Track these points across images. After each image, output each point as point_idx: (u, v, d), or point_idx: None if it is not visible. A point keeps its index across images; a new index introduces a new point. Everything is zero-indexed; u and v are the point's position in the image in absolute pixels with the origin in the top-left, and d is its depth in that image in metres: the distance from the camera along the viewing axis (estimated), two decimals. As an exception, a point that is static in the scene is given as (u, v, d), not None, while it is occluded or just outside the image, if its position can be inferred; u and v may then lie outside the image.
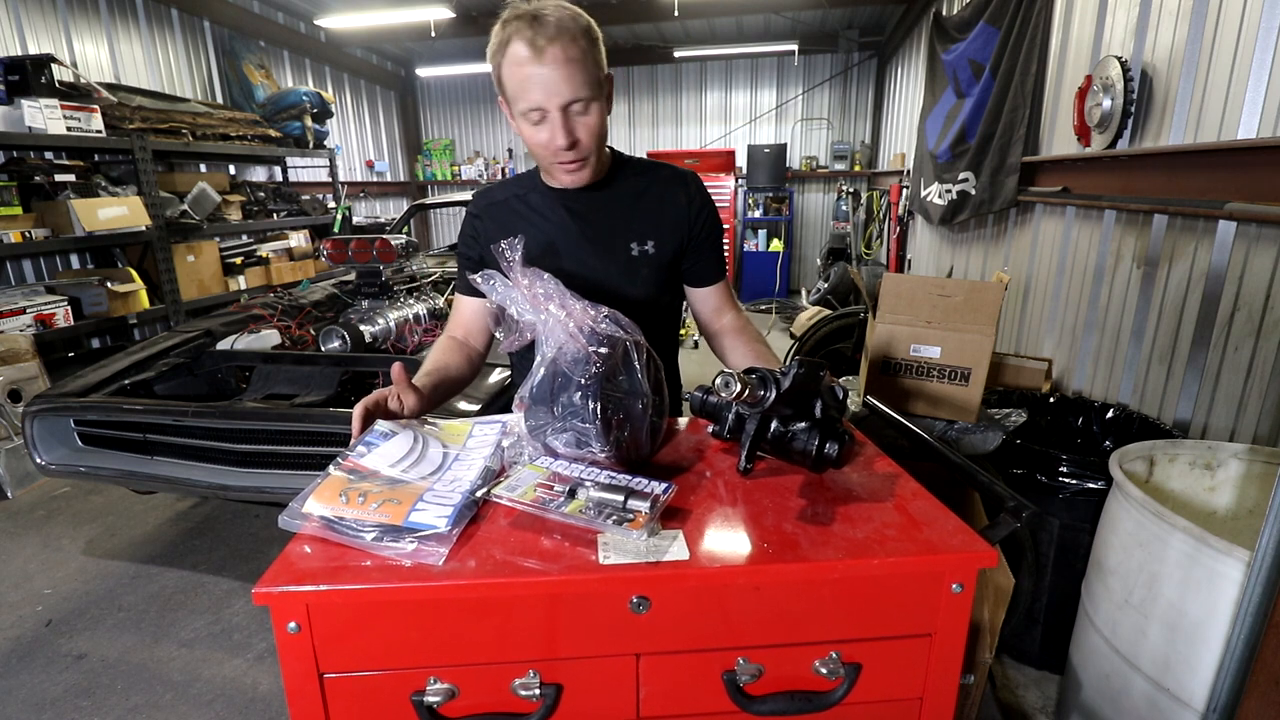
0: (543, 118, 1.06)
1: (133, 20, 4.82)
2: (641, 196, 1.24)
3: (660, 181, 1.26)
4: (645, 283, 1.25)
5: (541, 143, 1.09)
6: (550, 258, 1.23)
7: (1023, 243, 3.24)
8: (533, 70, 1.01)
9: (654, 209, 1.24)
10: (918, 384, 1.76)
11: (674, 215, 1.25)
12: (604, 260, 1.23)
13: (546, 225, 1.24)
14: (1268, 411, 1.69)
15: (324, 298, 3.01)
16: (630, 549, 0.72)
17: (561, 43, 1.01)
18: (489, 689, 0.73)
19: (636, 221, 1.23)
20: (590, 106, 1.07)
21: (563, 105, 1.04)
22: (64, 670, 1.94)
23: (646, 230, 1.23)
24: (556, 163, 1.13)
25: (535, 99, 1.03)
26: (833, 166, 8.02)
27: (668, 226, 1.24)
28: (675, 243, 1.25)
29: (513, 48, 1.02)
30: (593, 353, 0.84)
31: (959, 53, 3.84)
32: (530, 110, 1.05)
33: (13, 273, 3.92)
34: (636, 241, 1.23)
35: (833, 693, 0.74)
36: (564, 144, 1.07)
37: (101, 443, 2.20)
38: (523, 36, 1.01)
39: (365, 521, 0.73)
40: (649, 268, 1.24)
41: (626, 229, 1.23)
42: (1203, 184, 1.90)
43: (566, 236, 1.22)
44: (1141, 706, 1.34)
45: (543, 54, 1.00)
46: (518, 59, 1.02)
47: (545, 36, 1.00)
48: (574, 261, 1.22)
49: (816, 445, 0.87)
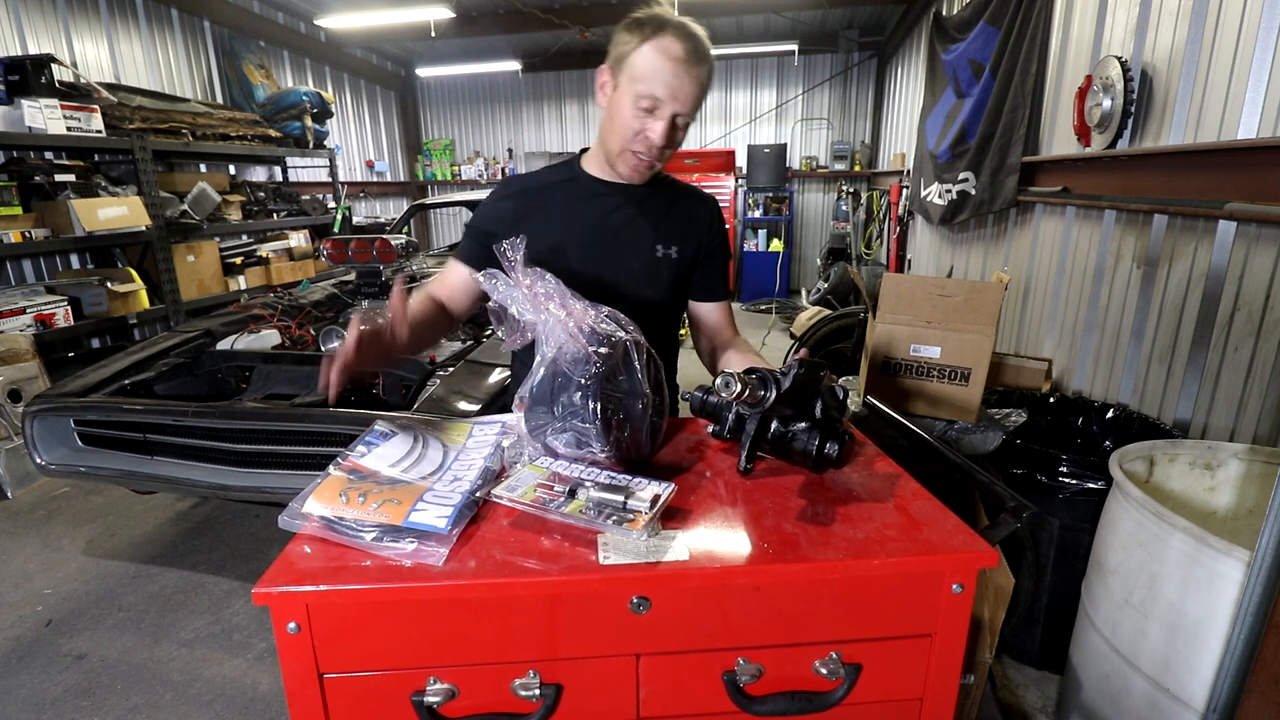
0: (653, 109, 1.13)
1: (133, 20, 4.82)
2: (672, 206, 1.33)
3: (689, 197, 1.37)
4: (663, 284, 1.32)
5: (636, 129, 1.16)
6: (577, 246, 1.27)
7: (1023, 243, 3.24)
8: (678, 70, 1.11)
9: (681, 219, 1.33)
10: (918, 384, 1.76)
11: (696, 228, 1.34)
12: (631, 255, 1.29)
13: (579, 213, 1.29)
14: (1268, 411, 1.69)
15: (324, 298, 3.01)
16: (630, 549, 0.72)
17: (706, 69, 1.14)
18: (489, 689, 0.73)
19: (665, 227, 1.31)
20: (687, 127, 1.20)
21: (675, 113, 1.14)
22: (64, 670, 1.94)
23: (672, 236, 1.31)
24: (631, 151, 1.18)
25: (661, 93, 1.12)
26: (833, 166, 8.01)
27: (690, 237, 1.33)
28: (693, 253, 1.34)
29: (668, 40, 1.10)
30: (593, 353, 0.84)
31: (959, 53, 3.84)
32: (647, 97, 1.12)
33: (13, 273, 3.91)
34: (662, 244, 1.30)
35: (833, 693, 0.74)
36: (659, 143, 1.16)
37: (101, 443, 2.20)
38: (683, 40, 1.11)
39: (365, 521, 0.73)
40: (669, 271, 1.32)
41: (655, 232, 1.30)
42: (1203, 184, 1.90)
43: (601, 227, 1.28)
44: (1141, 706, 1.34)
45: (691, 66, 1.11)
46: (669, 52, 1.10)
47: (699, 56, 1.12)
48: (600, 251, 1.28)
49: (817, 445, 0.87)
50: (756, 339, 5.69)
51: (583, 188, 1.29)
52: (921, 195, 4.62)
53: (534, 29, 6.55)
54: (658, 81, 1.11)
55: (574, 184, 1.30)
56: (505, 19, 6.52)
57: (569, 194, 1.29)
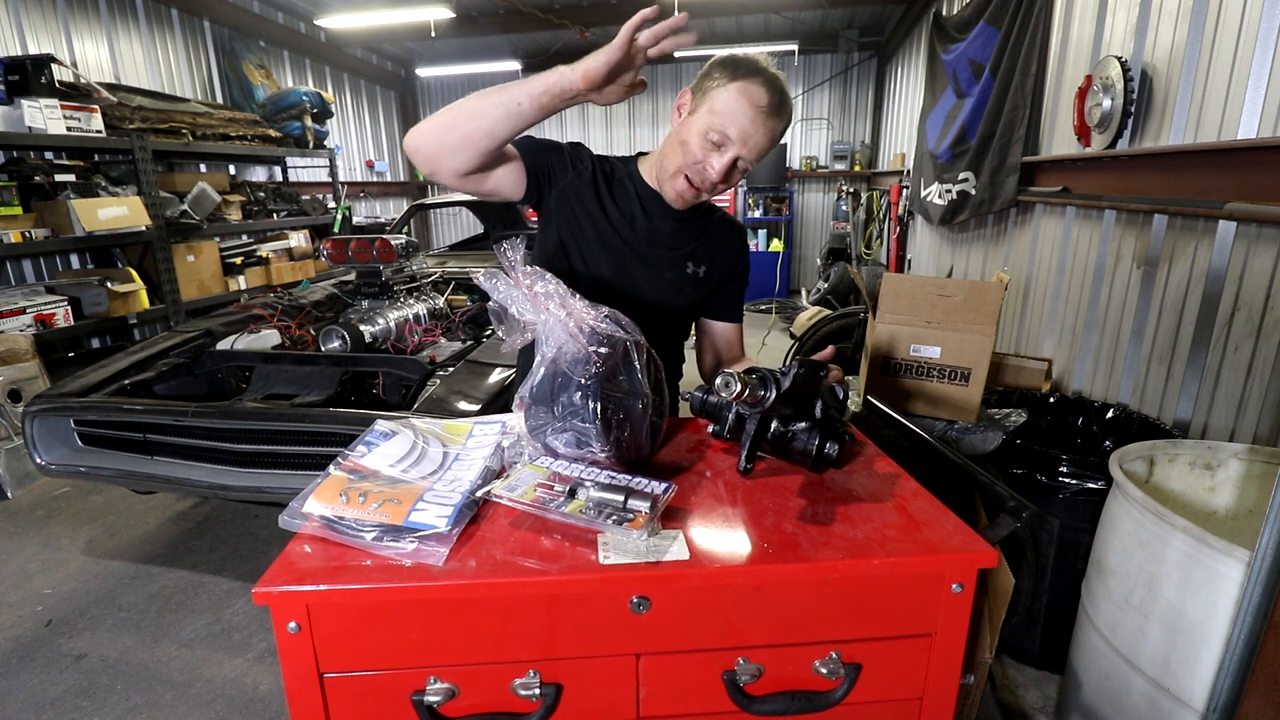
0: (721, 146, 1.16)
1: (133, 20, 4.82)
2: (706, 229, 1.38)
3: (722, 222, 1.42)
4: (689, 299, 1.38)
5: (698, 159, 1.18)
6: (627, 241, 1.31)
7: (1023, 243, 3.24)
8: (756, 116, 1.14)
9: (713, 243, 1.39)
10: (918, 384, 1.76)
11: (725, 252, 1.40)
12: (667, 266, 1.34)
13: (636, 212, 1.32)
14: (1268, 411, 1.69)
15: (324, 298, 3.00)
16: (630, 549, 0.72)
17: (783, 124, 1.18)
18: (489, 689, 0.73)
19: (699, 248, 1.37)
20: (743, 175, 1.23)
21: (738, 156, 1.17)
22: (64, 670, 1.94)
23: (703, 258, 1.37)
24: (685, 176, 1.21)
25: (734, 135, 1.15)
26: (833, 166, 8.01)
27: (719, 260, 1.39)
28: (719, 275, 1.40)
29: (756, 87, 1.14)
30: (593, 353, 0.84)
31: (959, 53, 3.84)
32: (719, 132, 1.15)
33: (13, 273, 3.91)
34: (693, 263, 1.36)
35: (833, 693, 0.74)
36: (715, 178, 1.19)
37: (101, 443, 2.20)
38: (770, 92, 1.14)
39: (365, 521, 0.73)
40: (695, 288, 1.38)
41: (689, 251, 1.36)
42: (1203, 184, 1.90)
43: (646, 231, 1.32)
44: (1141, 706, 1.34)
45: (769, 117, 1.15)
46: (753, 98, 1.13)
47: (780, 110, 1.16)
48: (642, 253, 1.32)
49: (817, 445, 0.87)
50: (756, 339, 5.68)
51: (638, 193, 1.32)
52: (921, 195, 4.62)
53: (534, 29, 6.55)
54: (733, 121, 1.14)
55: (632, 181, 1.33)
56: (505, 19, 6.52)
57: (626, 190, 1.33)
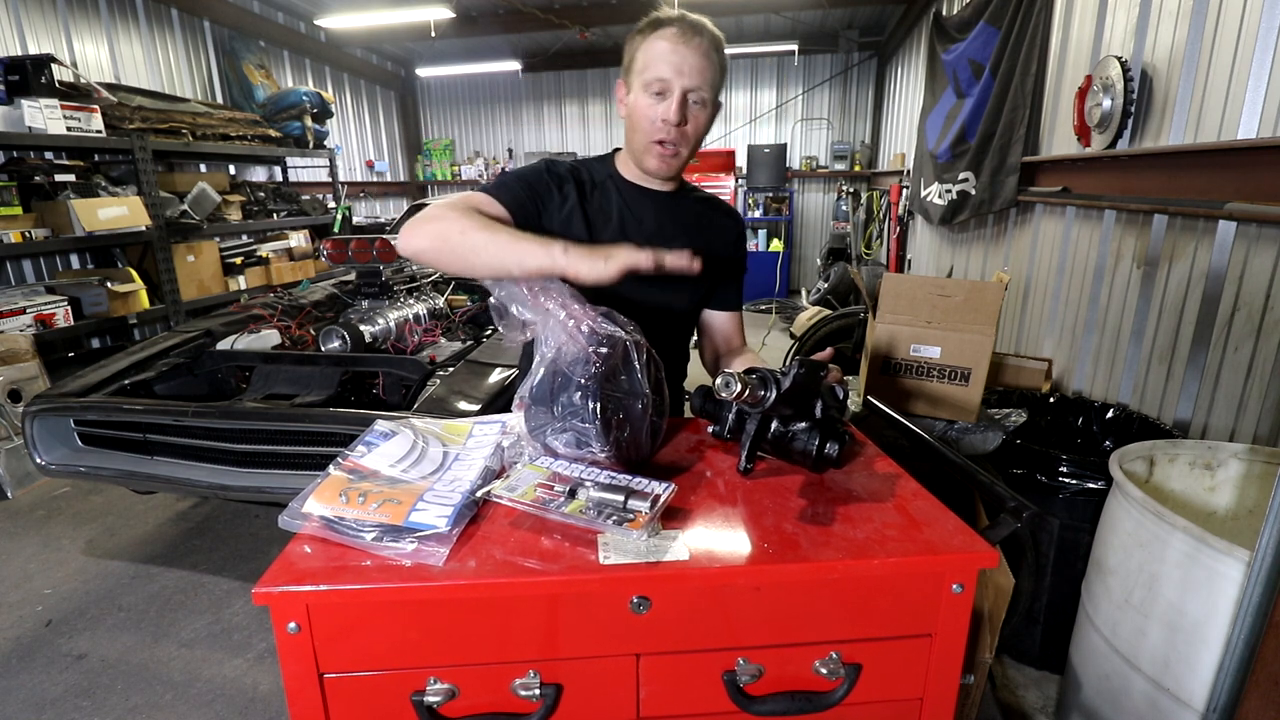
0: (664, 91, 1.13)
1: (133, 20, 4.82)
2: (700, 217, 1.35)
3: (717, 210, 1.39)
4: (690, 293, 1.34)
5: (650, 115, 1.15)
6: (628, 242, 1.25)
7: (1023, 243, 3.24)
8: (677, 48, 1.12)
9: (709, 230, 1.35)
10: (918, 384, 1.76)
11: (724, 239, 1.37)
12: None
13: (624, 212, 1.28)
14: (1268, 411, 1.69)
15: (324, 298, 3.00)
16: (630, 549, 0.72)
17: (710, 43, 1.14)
18: (489, 689, 0.73)
19: (696, 236, 1.32)
20: (704, 107, 1.17)
21: (686, 88, 1.13)
22: (64, 670, 1.94)
23: (701, 245, 1.30)
24: (654, 141, 1.18)
25: (665, 72, 1.12)
26: (833, 166, 8.01)
27: (718, 247, 1.35)
28: (718, 265, 1.35)
29: (664, 29, 1.13)
30: (592, 352, 0.84)
31: (959, 53, 3.83)
32: (656, 81, 1.13)
33: (13, 273, 3.91)
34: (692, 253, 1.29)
35: (833, 693, 0.74)
36: (675, 119, 1.14)
37: (101, 443, 2.20)
38: (677, 25, 1.13)
39: (365, 521, 0.73)
40: (694, 282, 1.30)
41: (687, 239, 1.29)
42: (1203, 184, 1.90)
43: (634, 234, 1.27)
44: (1141, 706, 1.34)
45: (689, 41, 1.12)
46: (665, 36, 1.12)
47: (696, 29, 1.13)
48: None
49: (817, 445, 0.87)
50: (756, 339, 5.68)
51: (622, 193, 1.29)
52: (921, 195, 4.62)
53: (534, 29, 6.55)
54: (660, 63, 1.12)
55: (614, 183, 1.30)
56: (505, 19, 6.52)
57: (608, 193, 1.29)
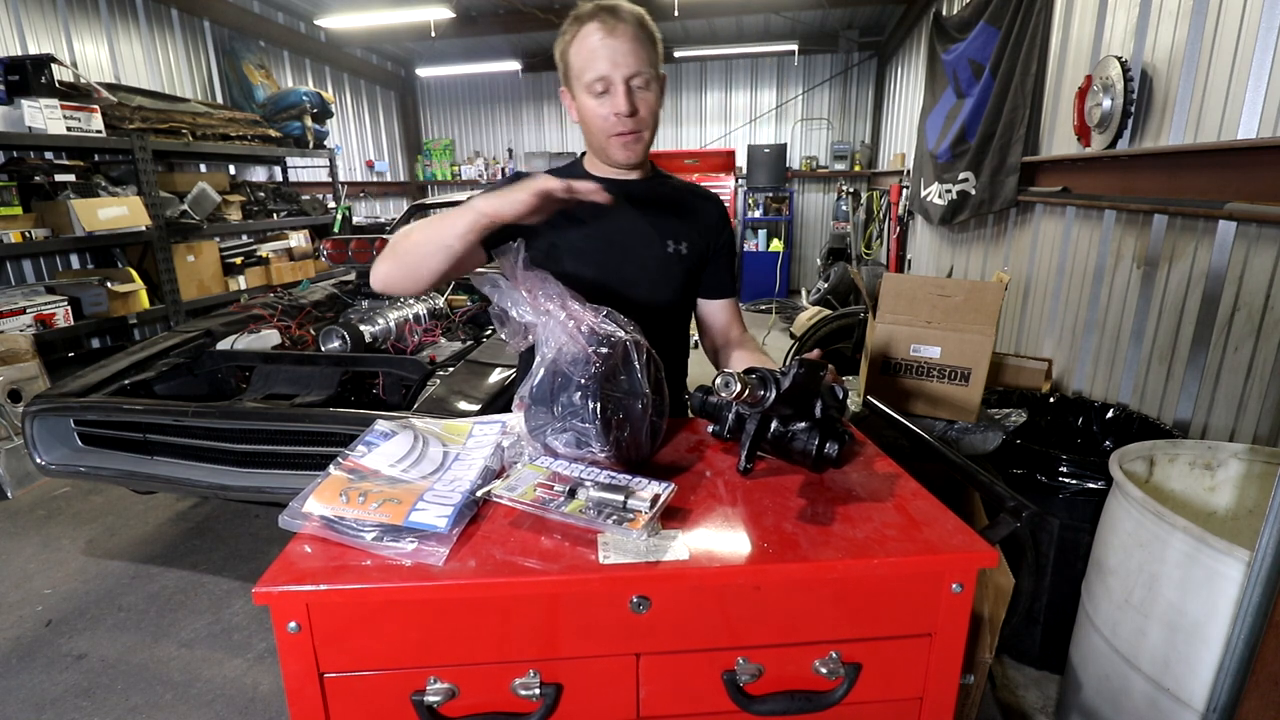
0: (607, 88, 1.14)
1: (133, 20, 4.82)
2: (678, 203, 1.32)
3: (695, 195, 1.36)
4: (676, 282, 1.31)
5: (603, 114, 1.16)
6: (600, 241, 1.26)
7: (1023, 243, 3.24)
8: (604, 42, 1.11)
9: (689, 215, 1.32)
10: (918, 384, 1.76)
11: (704, 224, 1.34)
12: (644, 252, 1.28)
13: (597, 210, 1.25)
14: (1268, 411, 1.69)
15: (324, 298, 3.01)
16: (630, 549, 0.72)
17: (631, 25, 1.13)
18: (489, 689, 0.73)
19: (674, 222, 1.30)
20: (650, 86, 1.16)
21: (627, 77, 1.13)
22: (64, 670, 1.94)
23: (681, 232, 1.30)
24: (613, 134, 1.18)
25: (602, 69, 1.12)
26: (833, 166, 8.01)
27: (698, 232, 1.32)
28: (702, 249, 1.33)
29: (585, 27, 1.13)
30: (592, 353, 0.84)
31: (959, 53, 3.83)
32: (596, 80, 1.13)
33: (13, 273, 3.91)
34: (672, 240, 1.29)
35: (833, 692, 0.74)
36: (625, 110, 1.14)
37: (101, 443, 2.20)
38: (597, 19, 1.12)
39: (365, 521, 0.73)
40: (680, 267, 1.30)
41: (665, 227, 1.29)
42: (1203, 184, 1.90)
43: (614, 222, 1.26)
44: (1141, 706, 1.34)
45: (614, 31, 1.11)
46: (589, 34, 1.12)
47: (617, 19, 1.12)
48: (619, 246, 1.27)
49: (816, 445, 0.87)
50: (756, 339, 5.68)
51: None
52: (921, 195, 4.62)
53: (534, 29, 6.55)
54: (594, 62, 1.12)
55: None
56: (505, 19, 6.52)
57: None
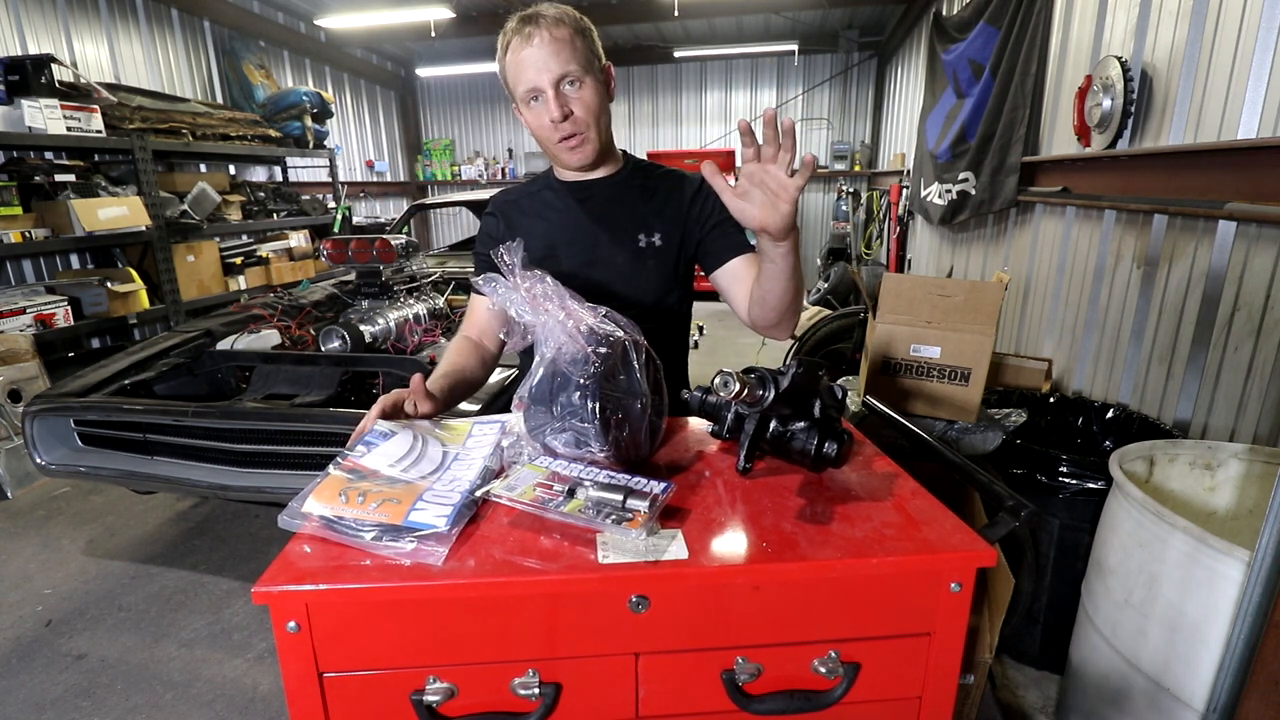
0: (538, 97, 1.13)
1: (133, 20, 4.82)
2: (649, 192, 1.29)
3: (666, 179, 1.31)
4: (652, 276, 1.28)
5: (541, 124, 1.15)
6: (563, 248, 1.27)
7: (1023, 243, 3.24)
8: (525, 54, 1.11)
9: (660, 203, 1.29)
10: (918, 384, 1.76)
11: (675, 208, 1.28)
12: (613, 250, 1.26)
13: (559, 217, 1.29)
14: (1268, 411, 1.69)
15: (324, 298, 3.01)
16: (629, 548, 0.72)
17: (549, 28, 1.11)
18: (488, 688, 0.73)
19: (644, 214, 1.27)
20: (583, 84, 1.14)
21: (554, 81, 1.11)
22: (64, 670, 1.94)
23: (654, 223, 1.27)
24: (556, 141, 1.17)
25: (529, 79, 1.12)
26: (833, 166, 8.01)
27: (672, 220, 1.28)
28: (680, 235, 1.28)
29: (511, 43, 1.14)
30: (591, 353, 0.84)
31: (959, 53, 3.84)
32: (527, 92, 1.13)
33: (13, 273, 3.92)
34: (644, 233, 1.27)
35: (832, 692, 0.74)
36: (557, 116, 1.12)
37: (101, 443, 2.20)
38: (517, 33, 1.13)
39: (365, 521, 0.73)
40: (656, 260, 1.28)
41: (635, 220, 1.27)
42: (1203, 184, 1.90)
43: (578, 226, 1.27)
44: (1141, 706, 1.34)
45: (531, 39, 1.11)
46: (514, 49, 1.13)
47: (534, 25, 1.11)
48: (585, 250, 1.26)
49: (816, 445, 0.87)
50: (756, 339, 5.68)
51: (558, 193, 1.30)
52: (921, 195, 4.62)
53: (534, 29, 6.55)
54: (522, 74, 1.12)
55: (551, 191, 1.31)
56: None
57: (548, 200, 1.31)
